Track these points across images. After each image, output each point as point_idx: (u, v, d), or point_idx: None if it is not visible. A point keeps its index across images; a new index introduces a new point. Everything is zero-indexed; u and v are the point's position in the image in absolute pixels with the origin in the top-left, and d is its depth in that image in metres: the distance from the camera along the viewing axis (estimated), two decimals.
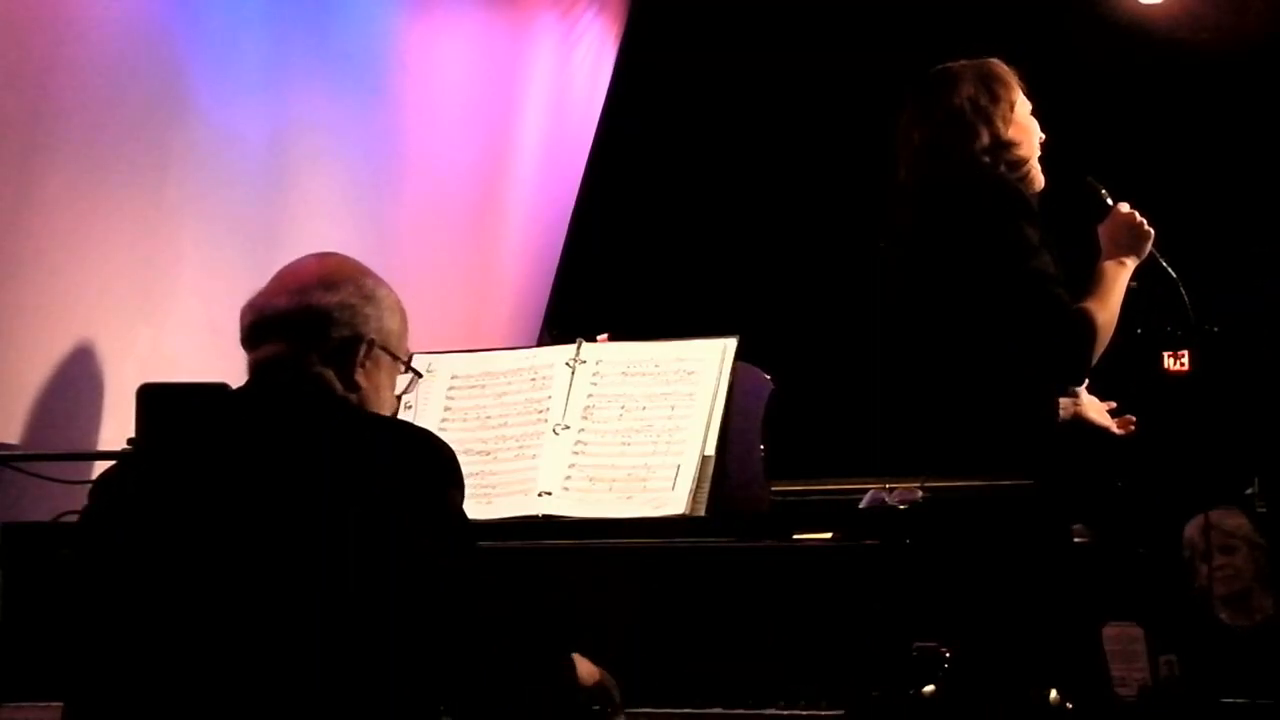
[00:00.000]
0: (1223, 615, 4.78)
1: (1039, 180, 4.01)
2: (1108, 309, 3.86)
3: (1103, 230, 3.98)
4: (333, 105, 5.66)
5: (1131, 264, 3.95)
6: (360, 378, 2.78)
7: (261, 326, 2.78)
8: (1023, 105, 4.04)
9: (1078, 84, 6.43)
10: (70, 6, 4.60)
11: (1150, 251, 3.98)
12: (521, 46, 6.65)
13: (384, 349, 2.82)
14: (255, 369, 2.78)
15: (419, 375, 2.97)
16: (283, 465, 2.63)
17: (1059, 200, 4.03)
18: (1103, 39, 6.72)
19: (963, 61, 4.09)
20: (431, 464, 2.66)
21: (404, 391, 2.94)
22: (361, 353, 2.78)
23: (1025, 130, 4.01)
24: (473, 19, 6.42)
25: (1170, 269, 4.04)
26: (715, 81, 7.09)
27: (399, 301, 2.89)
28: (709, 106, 7.14)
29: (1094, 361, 3.83)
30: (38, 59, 4.50)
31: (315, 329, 2.76)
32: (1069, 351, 3.78)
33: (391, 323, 2.84)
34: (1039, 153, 4.03)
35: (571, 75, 6.96)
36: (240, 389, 2.80)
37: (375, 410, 2.81)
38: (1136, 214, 3.98)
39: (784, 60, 7.06)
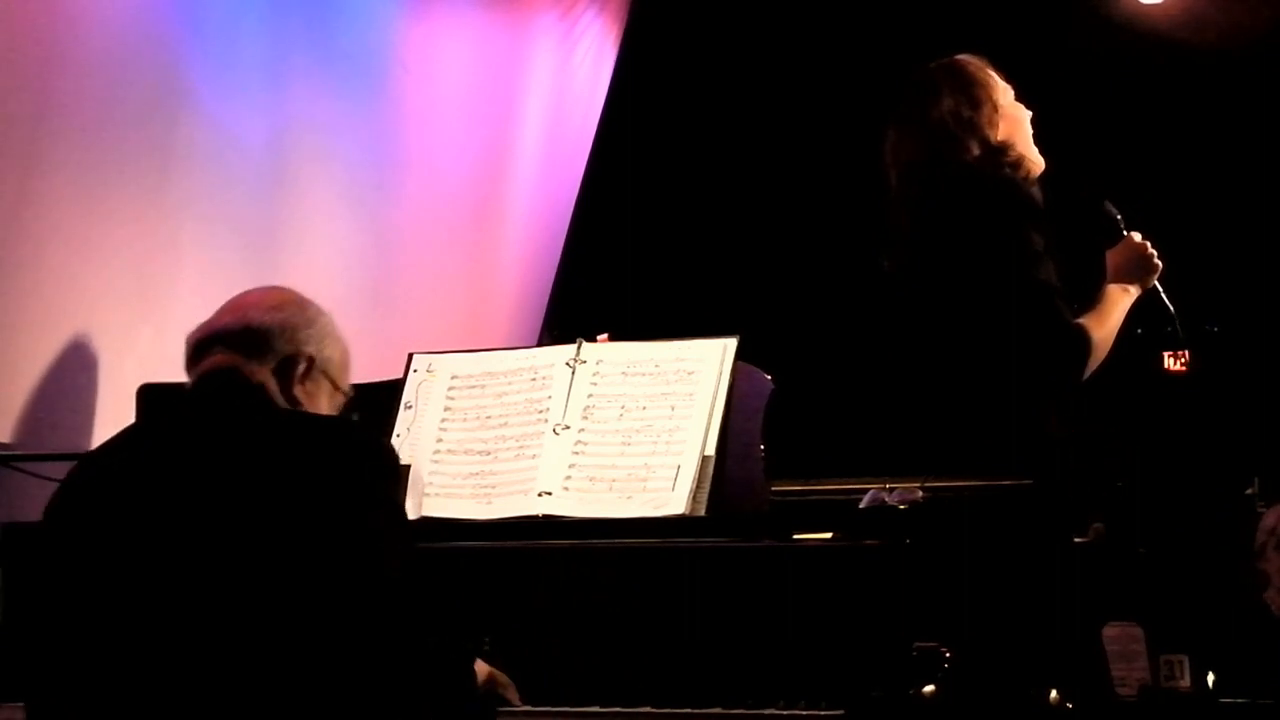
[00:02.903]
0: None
1: (1039, 164, 4.00)
2: (1105, 329, 3.86)
3: (1112, 255, 3.97)
4: (333, 105, 5.66)
5: (1135, 293, 3.95)
6: (299, 393, 2.83)
7: (204, 343, 2.85)
8: (1004, 98, 4.00)
9: (1078, 84, 6.43)
10: (70, 6, 4.61)
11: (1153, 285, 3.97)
12: (521, 46, 6.65)
13: (324, 372, 2.87)
14: (198, 378, 2.83)
15: (352, 407, 2.99)
16: (213, 465, 2.67)
17: (1058, 200, 4.02)
18: (1103, 39, 6.71)
19: (935, 65, 4.05)
20: (362, 458, 2.68)
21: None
22: (301, 369, 2.83)
23: (1014, 124, 3.99)
24: (473, 19, 6.42)
25: (1169, 303, 4.02)
26: (715, 81, 7.09)
27: (341, 337, 2.94)
28: (709, 106, 7.14)
29: (1085, 377, 3.83)
30: (37, 58, 4.50)
31: (257, 344, 2.82)
32: (1061, 366, 3.77)
33: (332, 350, 2.90)
34: (1030, 133, 4.01)
35: (571, 75, 6.95)
36: (183, 392, 2.84)
37: None
38: (1148, 245, 3.97)
39: (784, 60, 7.06)
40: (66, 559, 2.71)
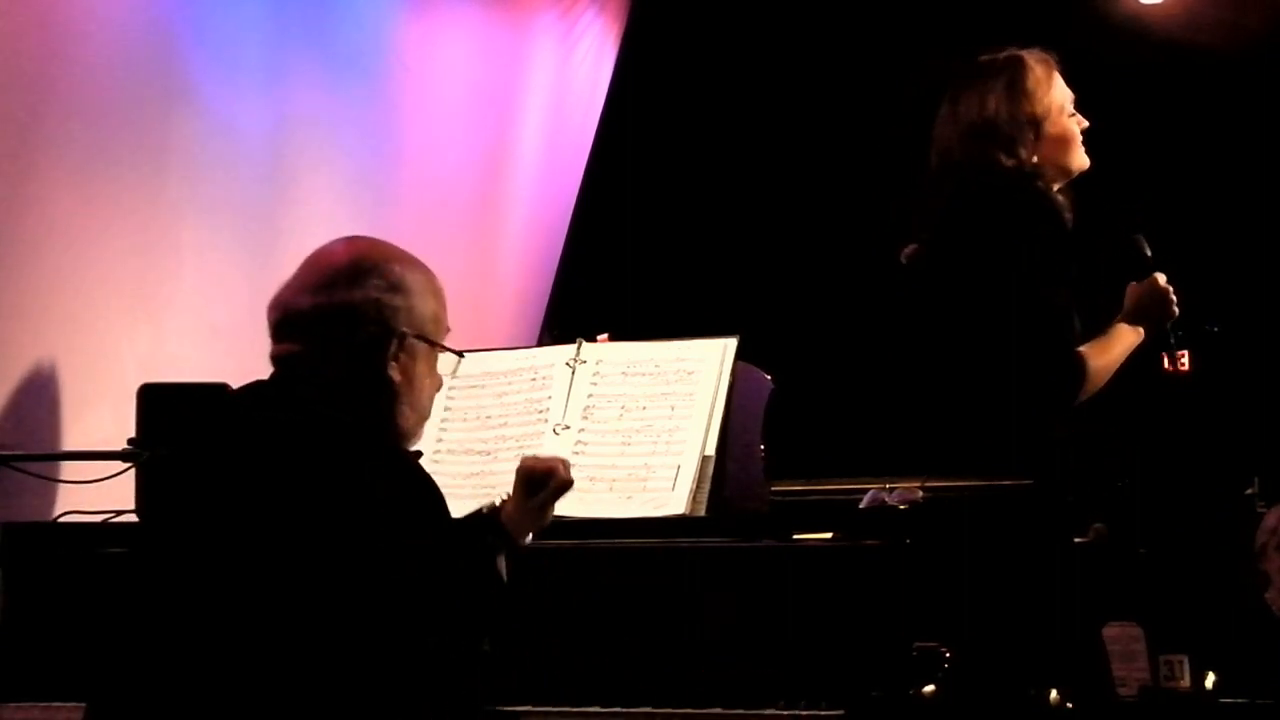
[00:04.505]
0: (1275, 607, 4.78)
1: (1083, 163, 3.94)
2: (1104, 360, 3.82)
3: (1133, 290, 3.91)
4: (333, 104, 5.66)
5: (1142, 334, 3.90)
6: (394, 372, 2.73)
7: (285, 325, 2.75)
8: (1061, 106, 3.93)
9: (1077, 84, 6.42)
10: (70, 4, 4.60)
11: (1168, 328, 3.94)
12: (521, 46, 6.65)
13: (419, 338, 2.77)
14: (275, 365, 2.75)
15: (460, 355, 2.88)
16: (238, 470, 2.63)
17: (1089, 225, 3.99)
18: (1103, 39, 6.71)
19: (1003, 58, 3.97)
20: (377, 463, 2.64)
21: (452, 373, 2.87)
22: (393, 348, 2.74)
23: (1063, 138, 3.91)
24: (472, 18, 6.42)
25: (1174, 345, 3.98)
26: (715, 81, 7.09)
27: (432, 281, 2.82)
28: (709, 106, 7.13)
29: (1077, 403, 3.79)
30: (37, 55, 4.50)
31: (339, 328, 2.71)
32: (1054, 389, 3.74)
33: (425, 308, 2.79)
34: (1079, 145, 3.95)
35: (571, 75, 6.95)
36: (249, 387, 2.78)
37: (416, 397, 2.77)
38: (1170, 290, 3.93)
39: (784, 60, 7.06)
40: (138, 560, 2.71)
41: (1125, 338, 3.89)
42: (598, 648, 3.06)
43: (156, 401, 4.07)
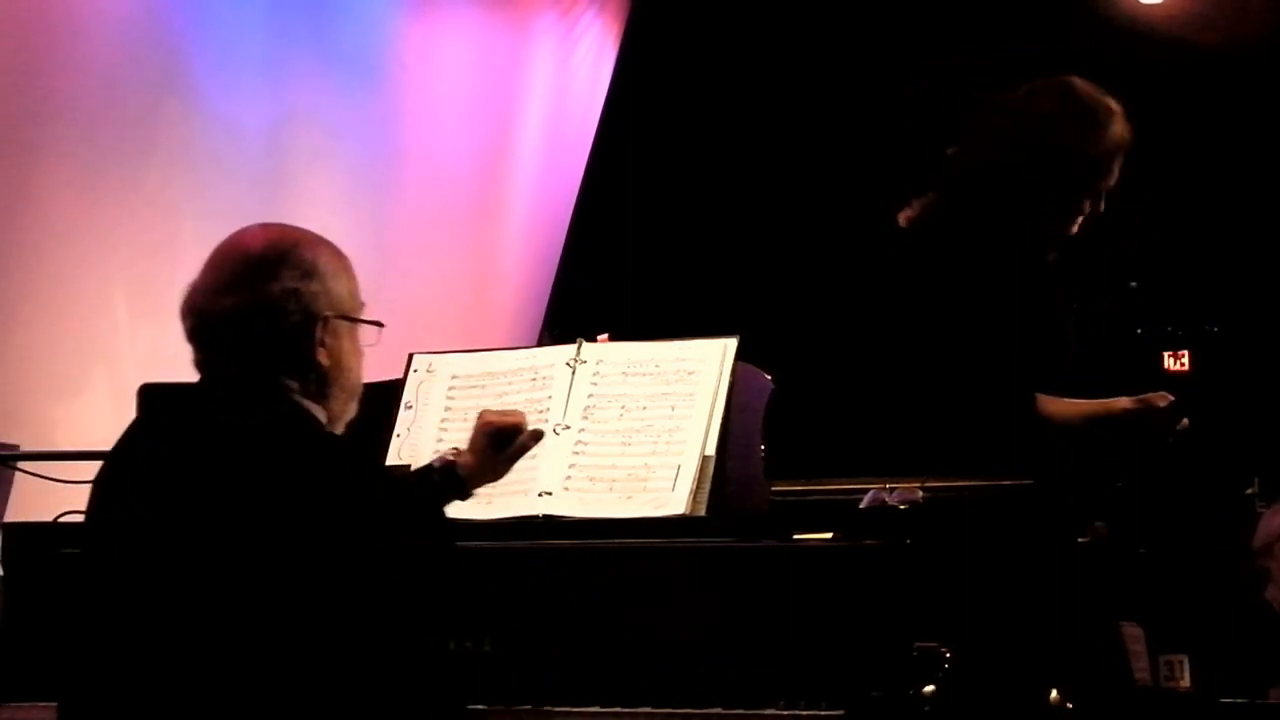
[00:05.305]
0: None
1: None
2: (1058, 418, 3.75)
3: (1132, 403, 3.79)
4: (333, 103, 5.66)
5: (1103, 430, 3.78)
6: (322, 358, 2.71)
7: (204, 330, 2.72)
8: (1101, 193, 3.85)
9: None
10: (71, 3, 4.61)
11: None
12: (521, 46, 6.66)
13: (341, 317, 2.74)
14: (200, 371, 2.73)
15: (380, 325, 2.85)
16: (209, 472, 2.61)
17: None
18: (1103, 39, 6.71)
19: (1105, 104, 3.88)
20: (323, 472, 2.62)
21: (372, 344, 2.84)
22: (318, 334, 2.71)
23: (1074, 214, 3.84)
24: (472, 18, 6.43)
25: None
26: (715, 81, 7.09)
27: (340, 257, 2.78)
28: (709, 106, 7.14)
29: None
30: (37, 54, 4.50)
31: (261, 324, 2.69)
32: (997, 432, 3.67)
33: (341, 287, 2.76)
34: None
35: (571, 75, 6.96)
36: (190, 391, 2.75)
37: (345, 377, 2.76)
38: (1155, 422, 3.79)
39: (784, 59, 7.06)
40: (86, 558, 2.69)
41: (1089, 416, 3.78)
42: (597, 648, 3.06)
43: (156, 401, 4.06)
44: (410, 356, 3.51)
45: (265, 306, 2.70)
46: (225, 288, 2.73)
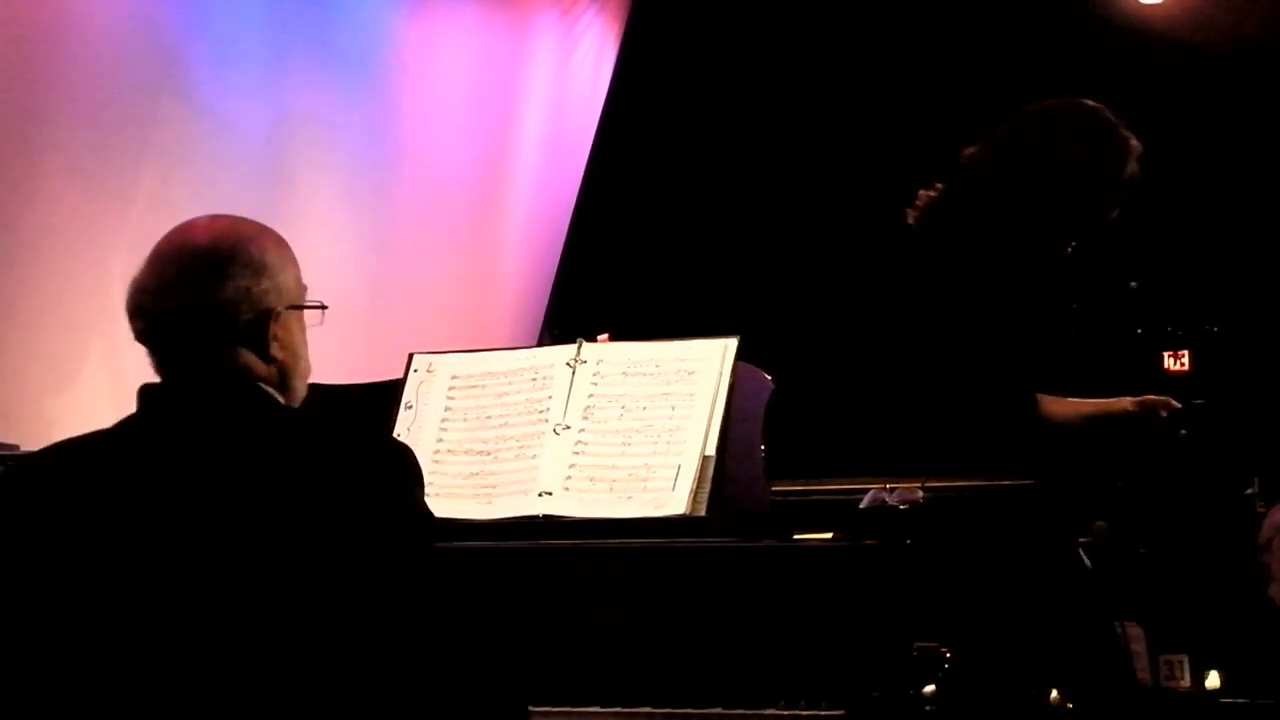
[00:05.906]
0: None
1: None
2: (1058, 418, 3.78)
3: (1133, 405, 3.83)
4: (333, 103, 5.66)
5: (1103, 430, 3.82)
6: (275, 351, 2.67)
7: (155, 332, 2.67)
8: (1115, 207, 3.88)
9: (1078, 84, 6.42)
10: (71, 3, 4.61)
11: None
12: (521, 46, 6.66)
13: (291, 307, 2.70)
14: (159, 372, 2.69)
15: (324, 307, 2.79)
16: (216, 469, 2.57)
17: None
18: (1103, 39, 6.71)
19: (1110, 124, 3.90)
20: (396, 468, 2.60)
21: (316, 325, 2.78)
22: (271, 328, 2.66)
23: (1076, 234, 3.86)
24: (472, 18, 6.43)
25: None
26: (715, 81, 7.09)
27: (284, 246, 2.74)
28: (709, 106, 7.14)
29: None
30: (37, 54, 4.50)
31: (215, 324, 2.64)
32: (997, 432, 3.68)
33: (288, 279, 2.71)
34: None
35: (571, 75, 6.96)
36: (160, 393, 2.71)
37: (299, 364, 2.72)
38: (1155, 426, 3.82)
39: (784, 59, 7.06)
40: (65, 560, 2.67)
41: (1091, 415, 3.80)
42: (597, 648, 3.06)
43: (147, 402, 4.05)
44: (410, 356, 3.51)
45: (215, 306, 2.65)
46: (172, 287, 2.68)
